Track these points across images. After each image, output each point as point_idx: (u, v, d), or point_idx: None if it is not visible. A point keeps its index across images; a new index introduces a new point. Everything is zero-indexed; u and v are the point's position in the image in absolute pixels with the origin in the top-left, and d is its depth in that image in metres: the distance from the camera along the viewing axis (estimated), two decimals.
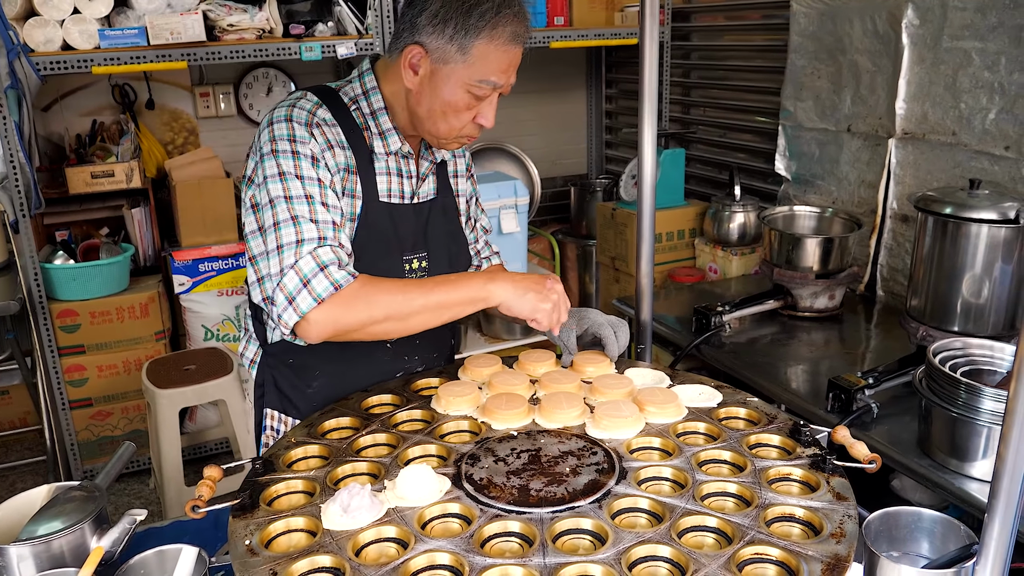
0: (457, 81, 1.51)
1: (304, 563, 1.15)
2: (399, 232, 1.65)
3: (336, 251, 1.46)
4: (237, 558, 1.16)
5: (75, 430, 3.56)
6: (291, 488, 1.35)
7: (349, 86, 1.64)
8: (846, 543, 1.15)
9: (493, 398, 1.56)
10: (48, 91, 3.87)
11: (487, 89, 1.53)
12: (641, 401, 1.53)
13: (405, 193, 1.67)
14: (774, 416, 1.52)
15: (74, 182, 3.58)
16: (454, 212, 1.79)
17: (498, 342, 3.83)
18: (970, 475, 1.78)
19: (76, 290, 3.47)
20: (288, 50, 3.45)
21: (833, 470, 1.33)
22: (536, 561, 1.12)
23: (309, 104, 1.57)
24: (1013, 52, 2.42)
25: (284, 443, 1.48)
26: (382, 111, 1.62)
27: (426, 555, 1.15)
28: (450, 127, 1.56)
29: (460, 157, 1.84)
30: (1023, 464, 1.03)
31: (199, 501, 1.28)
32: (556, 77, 4.96)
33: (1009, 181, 2.47)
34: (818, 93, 3.19)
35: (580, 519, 1.21)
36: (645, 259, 2.04)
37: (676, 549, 1.14)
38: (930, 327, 2.28)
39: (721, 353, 2.54)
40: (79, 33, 3.15)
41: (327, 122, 1.57)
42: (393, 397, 1.65)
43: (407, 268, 1.68)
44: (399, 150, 1.64)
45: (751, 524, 1.19)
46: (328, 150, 1.54)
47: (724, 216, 3.63)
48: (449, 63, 1.50)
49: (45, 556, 1.30)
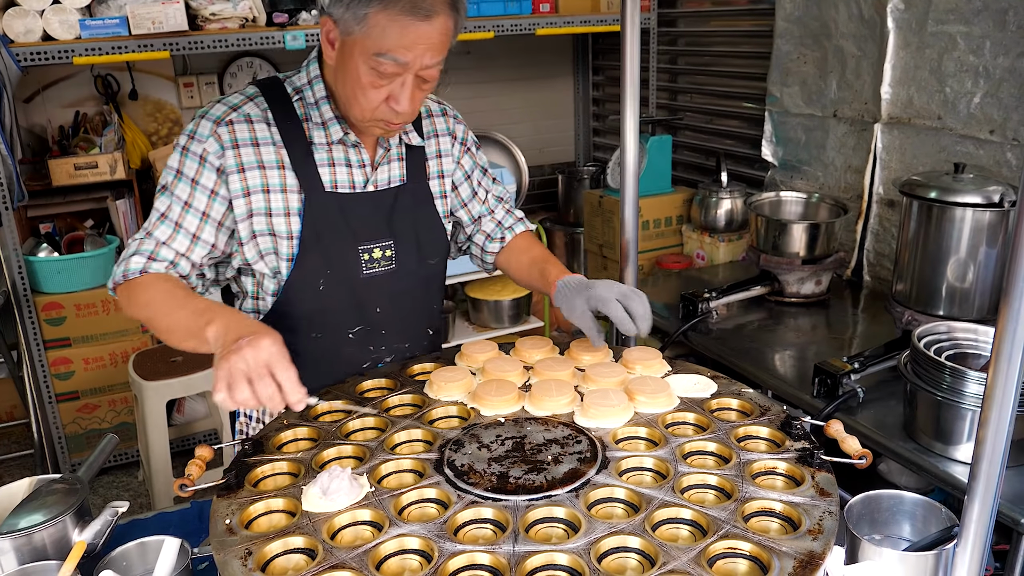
0: (359, 54, 1.43)
1: (278, 544, 1.16)
2: (351, 222, 1.61)
3: (162, 249, 1.52)
4: (216, 537, 1.17)
5: (62, 423, 3.55)
6: (277, 470, 1.36)
7: (296, 75, 1.62)
8: (822, 540, 1.12)
9: (484, 384, 1.55)
10: (30, 82, 3.83)
11: (391, 66, 1.42)
12: (632, 390, 1.51)
13: (357, 182, 1.63)
14: (767, 408, 1.49)
15: (57, 174, 3.55)
16: (427, 198, 1.74)
17: (487, 330, 3.83)
18: (955, 458, 1.79)
19: (61, 283, 3.44)
20: (272, 39, 3.42)
21: (820, 465, 1.30)
22: (506, 549, 1.12)
23: (237, 99, 1.56)
24: (998, 36, 2.42)
25: (275, 425, 1.49)
26: (324, 100, 1.58)
27: (397, 539, 1.16)
28: (361, 108, 1.49)
29: (444, 135, 1.77)
30: (1003, 446, 1.04)
31: (188, 480, 1.29)
32: (542, 64, 4.94)
33: (994, 165, 2.47)
34: (804, 78, 3.18)
35: (555, 508, 1.20)
36: (630, 246, 2.04)
37: (647, 541, 1.12)
38: (915, 311, 2.29)
39: (708, 339, 2.54)
40: (59, 23, 3.12)
41: (251, 118, 1.55)
42: (388, 381, 1.65)
43: (366, 258, 1.63)
44: (343, 139, 1.60)
45: (728, 518, 1.17)
46: (232, 149, 1.52)
47: (711, 203, 3.63)
48: (351, 34, 1.42)
49: (27, 549, 1.29)
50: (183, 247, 1.54)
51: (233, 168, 1.53)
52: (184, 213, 1.54)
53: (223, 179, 1.54)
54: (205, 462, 1.36)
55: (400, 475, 1.34)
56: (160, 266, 1.52)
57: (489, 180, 1.90)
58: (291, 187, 1.57)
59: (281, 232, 1.57)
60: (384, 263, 1.66)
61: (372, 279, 1.65)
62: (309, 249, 1.57)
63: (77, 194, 3.73)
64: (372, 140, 1.65)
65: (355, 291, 1.64)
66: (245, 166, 1.54)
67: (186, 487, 1.28)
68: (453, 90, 4.69)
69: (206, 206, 1.54)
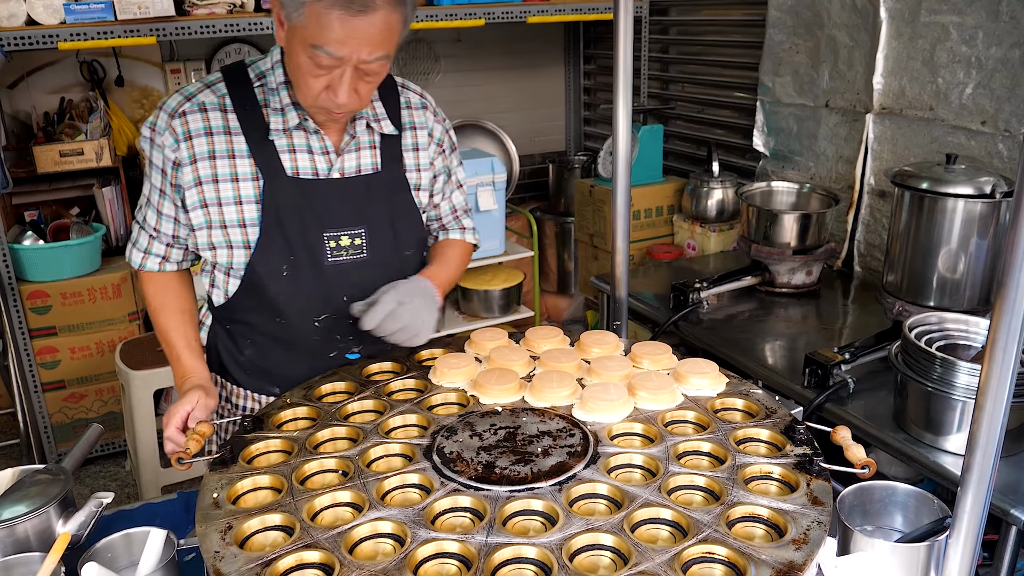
0: (298, 42, 1.41)
1: (257, 521, 1.17)
2: (316, 208, 1.59)
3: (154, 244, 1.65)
4: (201, 509, 1.19)
5: (48, 413, 3.52)
6: (271, 447, 1.37)
7: (263, 60, 1.60)
8: (806, 550, 1.08)
9: (485, 372, 1.54)
10: (14, 68, 3.77)
11: (326, 58, 1.39)
12: (635, 385, 1.48)
13: (320, 169, 1.60)
14: (774, 410, 1.44)
15: (42, 161, 3.51)
16: (403, 187, 1.70)
17: (477, 320, 3.82)
18: (945, 449, 1.79)
19: (46, 271, 3.41)
20: (260, 24, 3.38)
21: (819, 473, 1.25)
22: (478, 539, 1.11)
23: (194, 88, 1.57)
24: (990, 26, 2.42)
25: (279, 403, 1.51)
26: (283, 85, 1.56)
27: (372, 523, 1.15)
28: (303, 95, 1.48)
29: (421, 128, 1.73)
30: (996, 437, 1.03)
31: (185, 454, 1.31)
32: (534, 53, 4.91)
33: (985, 156, 2.47)
34: (796, 68, 3.17)
35: (534, 501, 1.19)
36: (620, 236, 2.03)
37: (622, 539, 1.10)
38: (906, 302, 2.28)
39: (699, 329, 2.53)
40: (43, 7, 3.07)
41: (205, 106, 1.55)
42: (395, 365, 1.66)
43: (332, 245, 1.61)
44: (302, 125, 1.57)
45: (711, 521, 1.14)
46: (186, 141, 1.54)
47: (702, 193, 3.62)
48: (292, 20, 1.40)
49: (10, 540, 1.27)
50: (169, 230, 1.64)
51: (186, 160, 1.55)
52: (161, 200, 1.61)
53: (178, 171, 1.56)
54: (204, 437, 1.38)
55: (389, 459, 1.34)
56: (155, 263, 1.67)
57: (453, 187, 1.85)
58: (245, 175, 1.56)
59: (232, 221, 1.57)
60: (353, 251, 1.64)
61: (339, 267, 1.63)
62: (270, 234, 1.57)
63: (63, 181, 3.69)
64: (337, 126, 1.62)
65: (321, 278, 1.62)
66: (197, 157, 1.55)
67: (183, 460, 1.31)
68: (443, 78, 4.66)
69: (173, 194, 1.60)
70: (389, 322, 1.56)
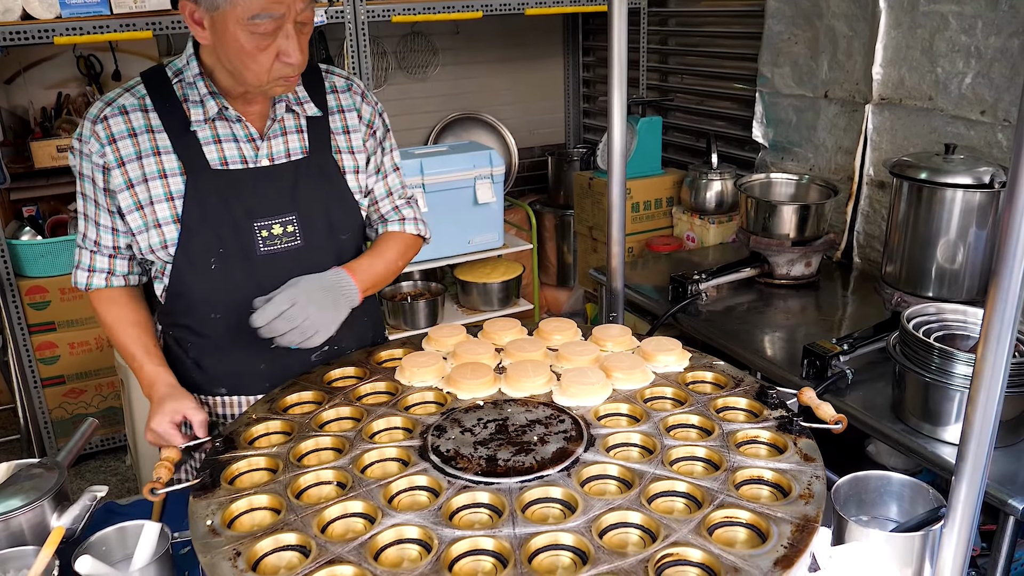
0: (233, 24, 1.41)
1: (268, 541, 1.12)
2: (243, 199, 1.58)
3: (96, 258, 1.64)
4: (199, 539, 1.13)
5: (48, 408, 3.52)
6: (253, 465, 1.33)
7: (178, 58, 1.61)
8: (814, 504, 1.15)
9: (458, 368, 1.54)
10: (10, 63, 3.77)
11: (268, 23, 1.41)
12: (608, 367, 1.52)
13: (248, 156, 1.60)
14: (740, 379, 1.53)
15: (40, 156, 3.51)
16: (334, 171, 1.68)
17: (476, 313, 3.81)
18: (943, 439, 1.78)
19: (45, 266, 3.41)
20: None
21: (800, 432, 1.34)
22: (506, 531, 1.11)
23: (114, 94, 1.58)
24: (989, 15, 2.40)
25: (244, 420, 1.45)
26: (198, 77, 1.56)
27: (394, 529, 1.13)
28: (256, 74, 1.47)
29: (350, 111, 1.71)
30: (991, 427, 1.03)
31: (157, 484, 1.27)
32: (532, 45, 4.89)
33: (984, 146, 2.46)
34: (795, 59, 3.16)
35: (549, 488, 1.20)
36: (616, 228, 2.02)
37: (646, 515, 1.13)
38: (905, 293, 2.28)
39: (698, 321, 2.53)
40: (39, 2, 3.06)
41: (125, 109, 1.56)
42: (356, 369, 1.62)
43: (264, 234, 1.59)
44: (223, 113, 1.57)
45: (720, 488, 1.19)
46: (110, 145, 1.54)
47: (701, 184, 3.61)
48: (218, 8, 1.40)
49: (4, 534, 1.28)
50: (109, 241, 1.63)
51: (114, 163, 1.55)
52: (98, 211, 1.61)
53: (108, 175, 1.56)
54: (173, 463, 1.34)
55: (384, 464, 1.32)
56: (100, 279, 1.66)
57: (387, 169, 1.81)
58: (171, 171, 1.56)
59: (165, 218, 1.56)
60: (287, 239, 1.62)
61: (273, 256, 1.61)
62: (192, 229, 1.56)
63: (60, 176, 3.68)
64: (257, 112, 1.62)
65: (253, 269, 1.60)
66: (124, 159, 1.55)
67: (156, 491, 1.26)
68: (442, 70, 4.64)
69: (107, 203, 1.60)
70: (279, 323, 1.46)
